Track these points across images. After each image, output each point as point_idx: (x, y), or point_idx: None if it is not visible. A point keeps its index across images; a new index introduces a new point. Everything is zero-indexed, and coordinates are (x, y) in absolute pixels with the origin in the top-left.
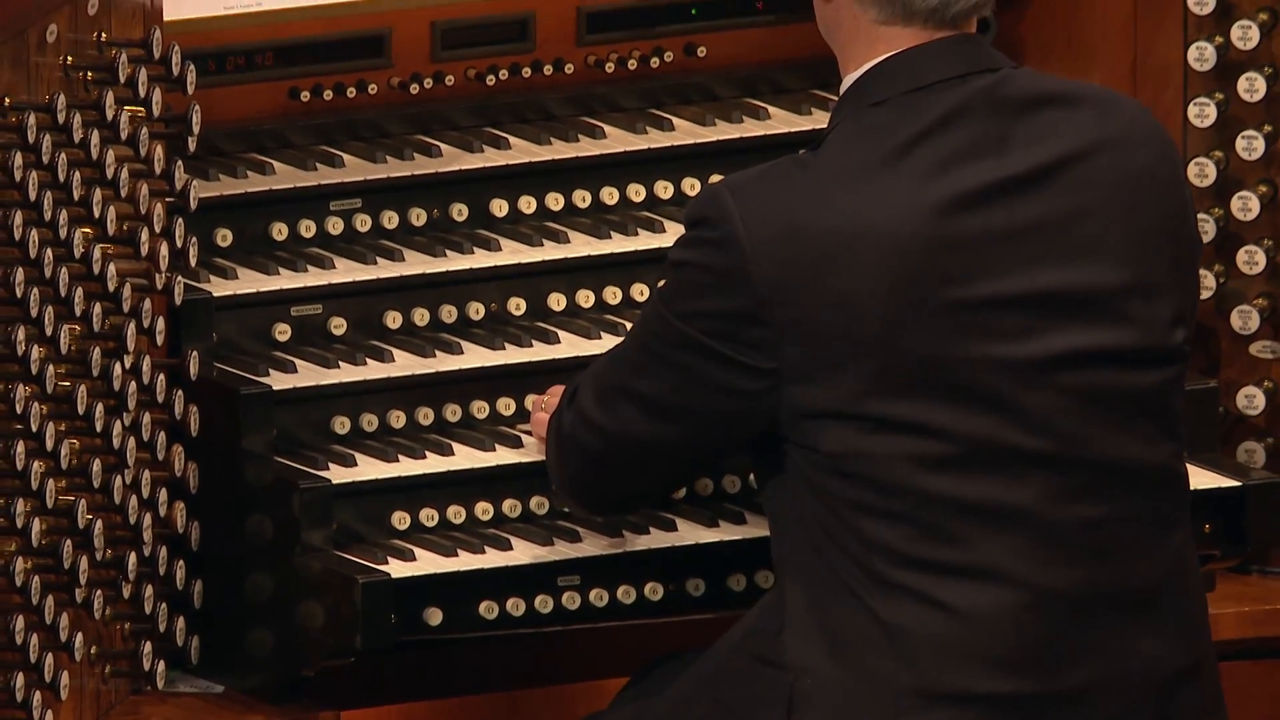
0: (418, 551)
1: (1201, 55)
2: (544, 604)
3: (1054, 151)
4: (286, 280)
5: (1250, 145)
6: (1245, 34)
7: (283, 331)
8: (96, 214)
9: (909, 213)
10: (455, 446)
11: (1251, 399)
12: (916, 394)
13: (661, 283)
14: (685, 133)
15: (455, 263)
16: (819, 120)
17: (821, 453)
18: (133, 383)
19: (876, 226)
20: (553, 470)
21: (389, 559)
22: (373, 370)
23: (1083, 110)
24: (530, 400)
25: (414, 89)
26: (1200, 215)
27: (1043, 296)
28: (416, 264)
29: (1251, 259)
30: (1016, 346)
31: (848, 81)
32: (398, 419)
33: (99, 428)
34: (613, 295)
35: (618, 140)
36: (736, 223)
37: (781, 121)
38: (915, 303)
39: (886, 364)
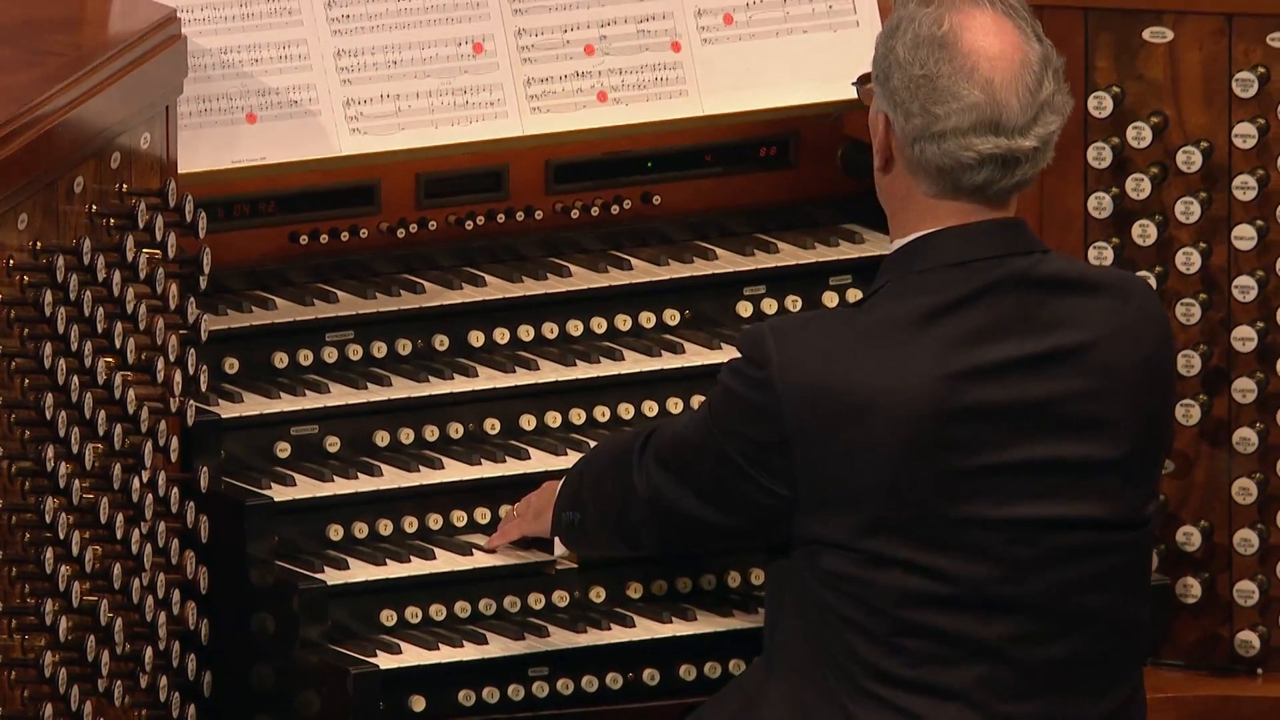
0: (403, 645)
1: (1100, 204)
2: (516, 692)
3: (1072, 337)
4: (286, 404)
5: None
6: (1138, 186)
7: (283, 449)
8: (118, 345)
9: (927, 382)
10: (437, 551)
11: None
12: (912, 539)
13: (714, 392)
14: (642, 271)
15: (437, 388)
16: (761, 261)
17: (822, 569)
18: (149, 495)
19: (896, 391)
20: (607, 506)
21: (378, 652)
22: (363, 484)
23: (1101, 298)
24: (504, 509)
25: (401, 233)
26: None
27: (1040, 465)
28: (403, 389)
29: None
30: (1010, 508)
31: (897, 244)
32: (386, 527)
33: (119, 535)
34: (578, 416)
35: (582, 278)
36: (774, 367)
37: (728, 261)
38: (922, 464)
39: (887, 512)
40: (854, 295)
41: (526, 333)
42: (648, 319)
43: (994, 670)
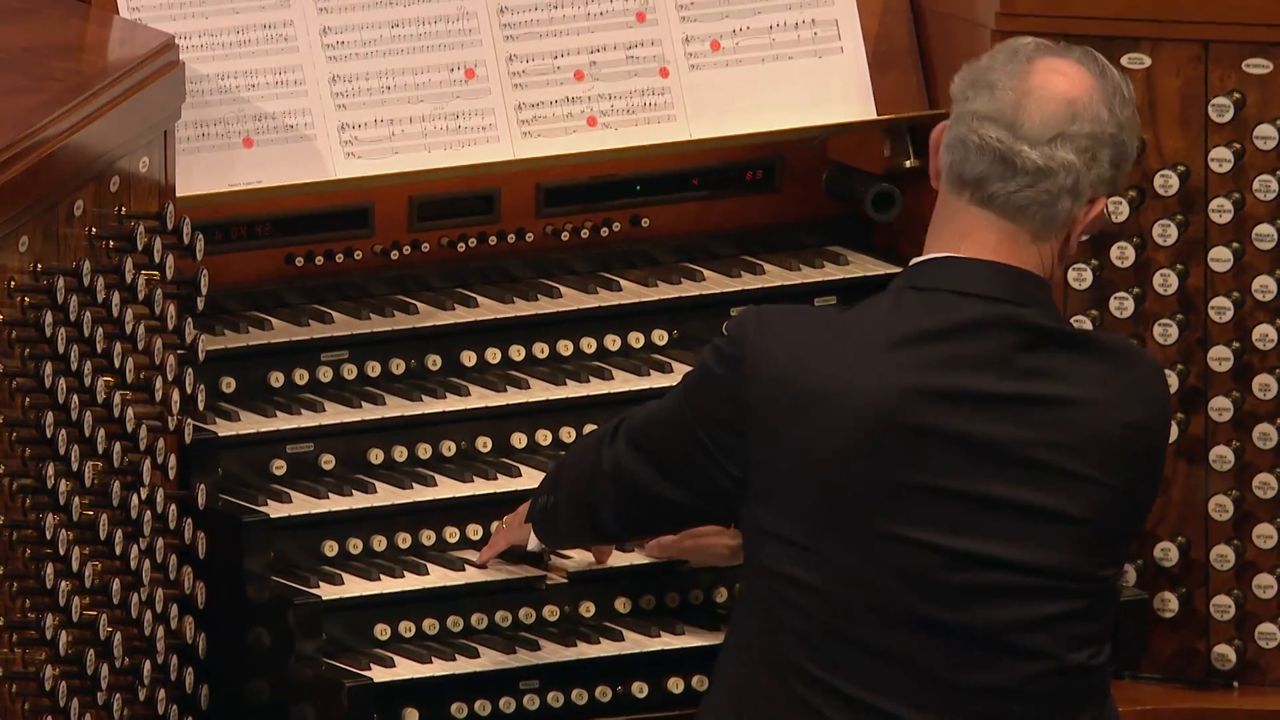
0: (397, 659)
1: (1080, 276)
2: (507, 705)
3: (1053, 389)
4: (282, 422)
5: (1122, 305)
6: (1117, 209)
7: (279, 467)
8: (117, 364)
9: (885, 390)
10: (430, 567)
11: None
12: (845, 543)
13: (692, 370)
14: (631, 293)
15: (430, 406)
16: (748, 282)
17: (764, 565)
18: (148, 512)
19: (852, 392)
20: (577, 494)
21: (372, 666)
22: (358, 501)
23: (1096, 362)
24: (495, 525)
25: (394, 255)
26: None
27: (985, 501)
28: (396, 407)
29: None
30: (942, 536)
31: (916, 259)
32: (380, 543)
33: (118, 551)
34: (568, 435)
35: (572, 299)
36: (749, 349)
37: (714, 283)
38: (862, 468)
39: (822, 511)
40: None
41: (518, 352)
42: (636, 339)
43: (923, 690)
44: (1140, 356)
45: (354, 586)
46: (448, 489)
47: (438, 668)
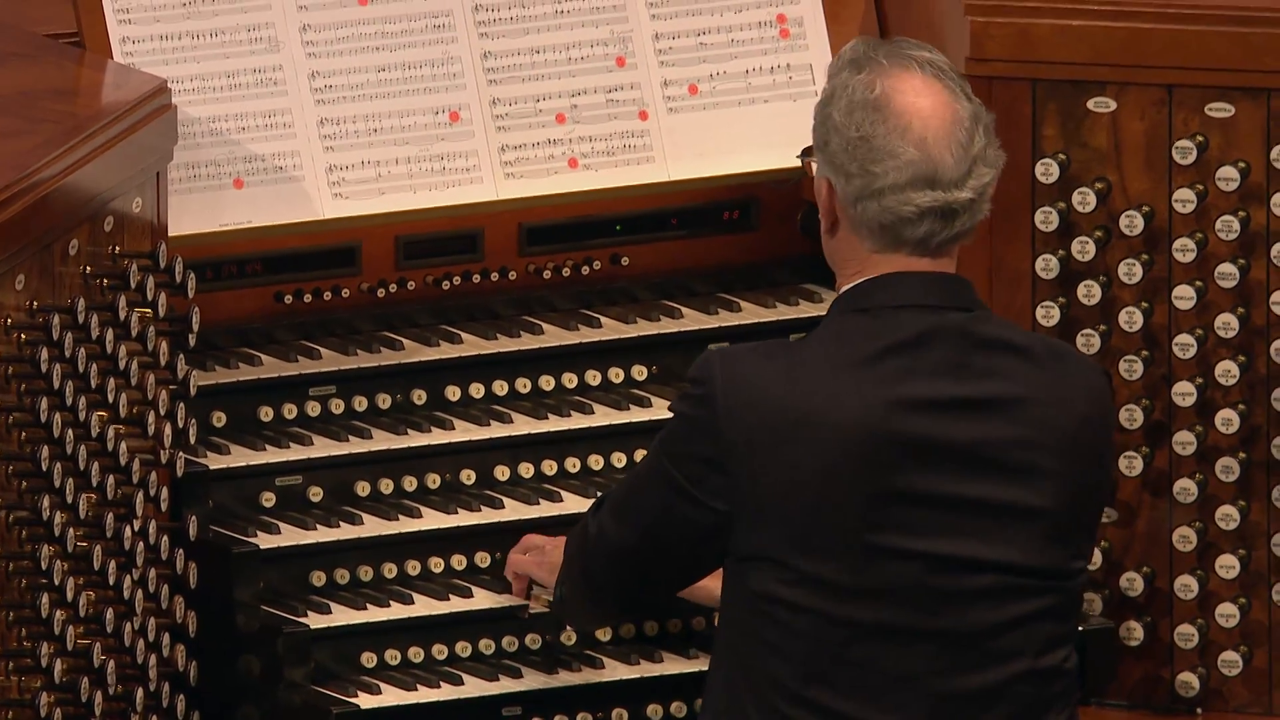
0: (383, 686)
1: (1047, 265)
2: None
3: (1002, 390)
4: (272, 455)
5: (1088, 342)
6: (1084, 248)
7: (268, 499)
8: (110, 399)
9: (862, 408)
10: (415, 596)
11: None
12: (834, 560)
13: (666, 424)
14: (611, 329)
15: (415, 440)
16: (725, 320)
17: (750, 590)
18: (141, 543)
19: (830, 413)
20: (571, 572)
21: (359, 693)
22: (345, 532)
23: (1035, 363)
24: (480, 556)
25: (380, 293)
26: None
27: (964, 503)
28: (382, 441)
29: None
30: (929, 542)
31: (842, 289)
32: (366, 573)
33: (112, 581)
34: (550, 467)
35: (554, 336)
36: (717, 385)
37: (692, 320)
38: (850, 483)
39: (814, 529)
40: None
41: (501, 387)
42: (616, 374)
43: (909, 699)
44: (1077, 354)
45: (341, 615)
46: (432, 520)
47: (423, 695)
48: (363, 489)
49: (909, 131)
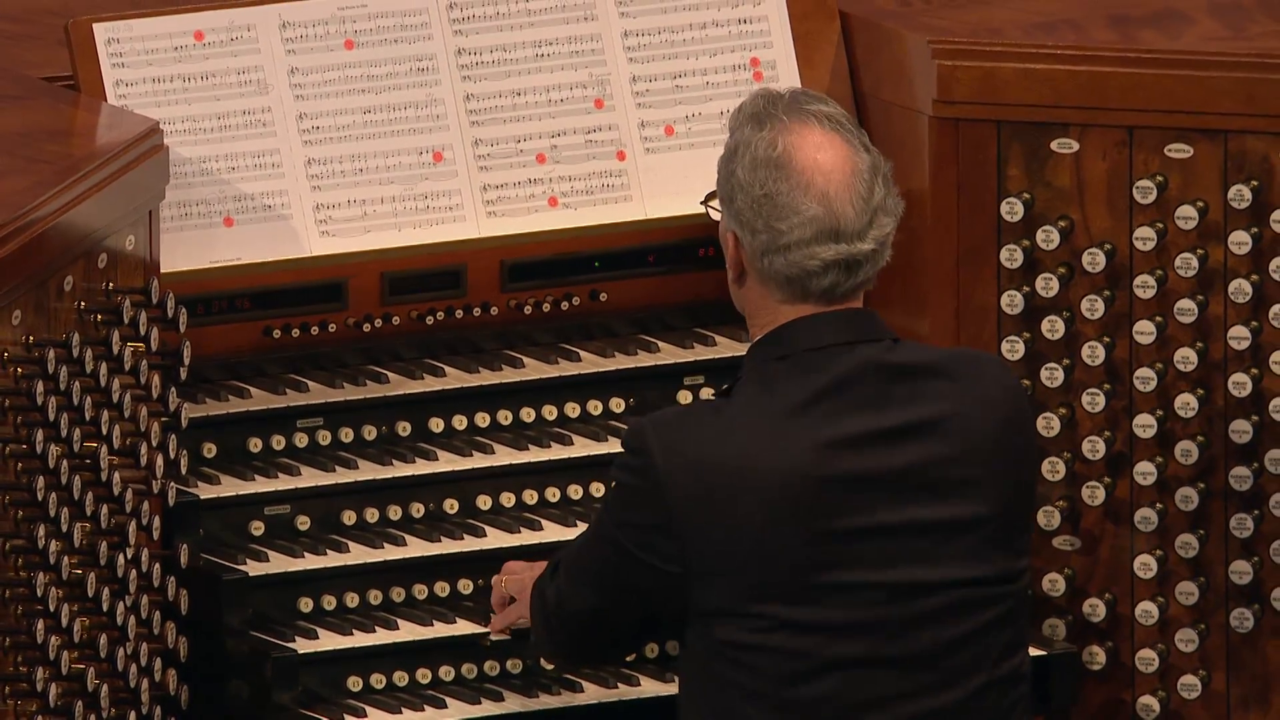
0: (369, 710)
1: (1012, 301)
2: None
3: (925, 411)
4: (261, 485)
5: (1052, 375)
6: (1048, 284)
7: (257, 528)
8: (104, 431)
9: (796, 452)
10: (400, 622)
11: (1054, 583)
12: (791, 603)
13: (607, 493)
14: (590, 363)
15: (400, 470)
16: (700, 353)
17: (716, 641)
18: (133, 571)
19: (768, 465)
20: (537, 630)
21: (345, 716)
22: (332, 560)
23: (949, 380)
24: (463, 583)
25: (366, 327)
26: None
27: (908, 528)
28: (368, 471)
29: (1054, 468)
30: (882, 572)
31: (756, 338)
32: (352, 599)
33: (105, 608)
34: (530, 497)
35: (535, 369)
36: (654, 455)
37: (669, 354)
38: (795, 529)
39: (768, 576)
40: None
41: (483, 419)
42: (595, 406)
43: None
44: (982, 357)
45: (328, 641)
46: (417, 548)
47: (407, 718)
48: (349, 518)
49: (811, 187)
